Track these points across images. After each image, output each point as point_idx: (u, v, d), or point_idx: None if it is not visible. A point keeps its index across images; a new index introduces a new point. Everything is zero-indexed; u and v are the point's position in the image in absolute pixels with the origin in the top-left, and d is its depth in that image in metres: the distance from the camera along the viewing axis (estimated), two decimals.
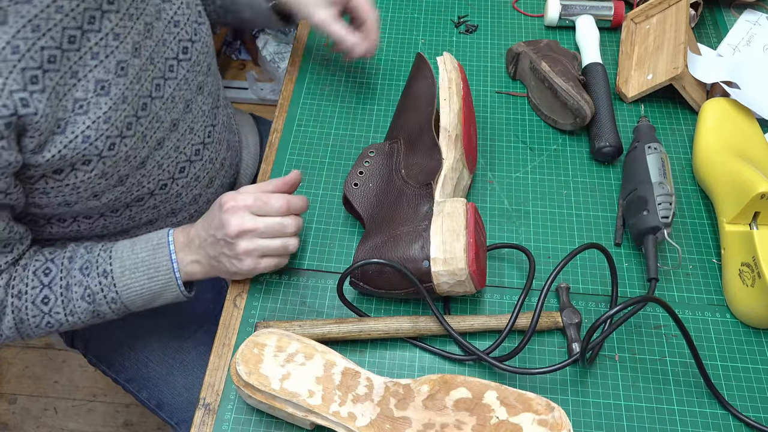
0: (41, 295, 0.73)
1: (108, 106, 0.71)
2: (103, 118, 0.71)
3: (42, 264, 0.75)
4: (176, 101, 0.82)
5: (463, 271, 0.71)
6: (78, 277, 0.74)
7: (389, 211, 0.78)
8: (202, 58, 0.86)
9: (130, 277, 0.75)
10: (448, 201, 0.76)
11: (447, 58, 0.87)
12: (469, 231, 0.72)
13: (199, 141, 0.88)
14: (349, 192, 0.82)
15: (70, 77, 0.68)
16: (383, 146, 0.86)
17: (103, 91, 0.70)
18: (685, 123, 0.97)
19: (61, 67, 0.66)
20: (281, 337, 0.70)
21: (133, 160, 0.77)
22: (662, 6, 1.04)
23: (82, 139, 0.69)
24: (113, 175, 0.76)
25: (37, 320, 0.74)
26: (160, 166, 0.83)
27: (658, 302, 0.68)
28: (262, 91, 2.07)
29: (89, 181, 0.74)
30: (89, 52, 0.69)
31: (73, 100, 0.68)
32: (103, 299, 0.75)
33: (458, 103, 0.83)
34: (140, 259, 0.75)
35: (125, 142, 0.74)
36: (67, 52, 0.67)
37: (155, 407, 0.97)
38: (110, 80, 0.71)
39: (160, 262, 0.75)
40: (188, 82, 0.84)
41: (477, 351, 0.72)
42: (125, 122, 0.74)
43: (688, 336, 0.71)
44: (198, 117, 0.88)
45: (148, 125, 0.78)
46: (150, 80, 0.77)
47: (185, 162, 0.87)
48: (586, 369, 0.75)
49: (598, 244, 0.74)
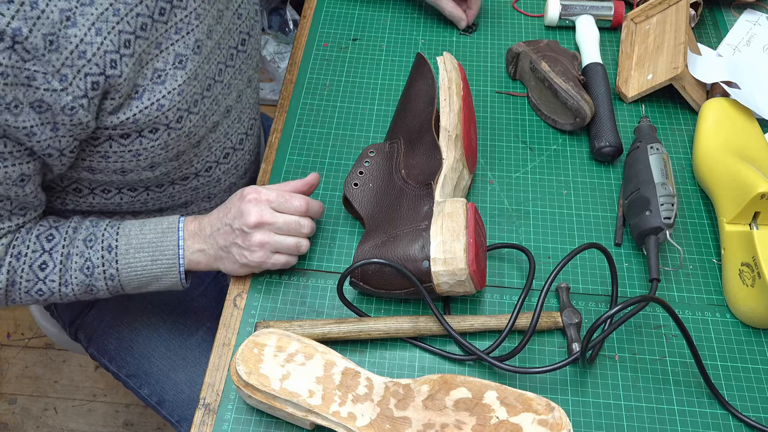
0: (40, 260, 0.73)
1: (183, 80, 0.74)
2: (178, 90, 0.74)
3: (46, 229, 0.75)
4: (231, 89, 0.85)
5: (463, 271, 0.71)
6: (80, 247, 0.74)
7: (389, 211, 0.78)
8: (254, 53, 0.89)
9: (135, 256, 0.75)
10: (448, 201, 0.76)
11: (447, 58, 0.87)
12: (469, 231, 0.72)
13: (243, 131, 0.91)
14: (349, 192, 0.82)
15: (154, 47, 0.71)
16: (383, 146, 0.86)
17: (180, 65, 0.73)
18: (685, 123, 0.97)
19: (150, 35, 0.69)
20: (281, 337, 0.70)
21: (193, 137, 0.80)
22: (662, 6, 1.04)
23: (157, 107, 0.72)
24: (173, 149, 0.78)
25: (29, 285, 0.74)
26: (209, 148, 0.85)
27: (659, 302, 0.68)
28: (262, 91, 2.07)
29: (151, 149, 0.76)
30: (174, 27, 0.72)
31: (153, 69, 0.71)
32: (101, 274, 0.75)
33: (458, 103, 0.83)
34: (147, 240, 0.76)
35: (191, 118, 0.77)
36: (156, 23, 0.70)
37: (156, 404, 0.97)
38: (188, 56, 0.74)
39: (167, 246, 0.76)
40: (242, 73, 0.87)
41: (477, 351, 0.72)
42: (193, 98, 0.76)
43: (689, 336, 0.71)
44: (245, 108, 0.91)
45: (210, 106, 0.80)
46: (216, 64, 0.80)
47: (230, 149, 0.90)
48: (586, 369, 0.75)
49: (598, 244, 0.74)
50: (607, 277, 0.82)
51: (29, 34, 0.58)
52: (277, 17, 2.06)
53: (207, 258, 0.77)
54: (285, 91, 1.01)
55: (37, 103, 0.62)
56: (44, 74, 0.61)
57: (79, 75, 0.63)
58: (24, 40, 0.58)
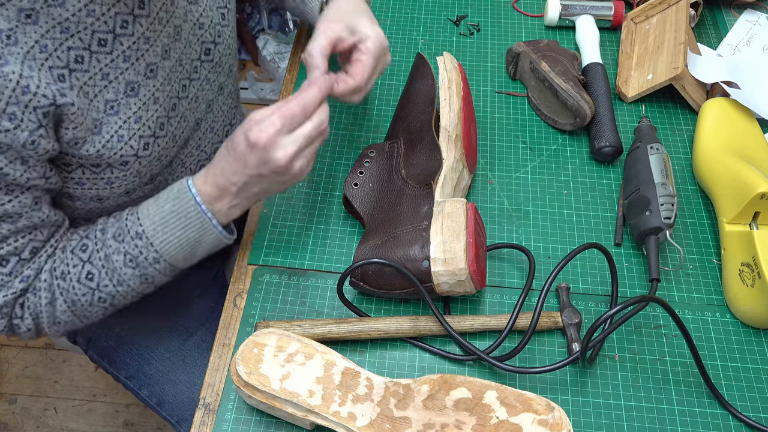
0: (84, 271, 0.73)
1: (137, 107, 0.72)
2: (134, 118, 0.72)
3: (78, 242, 0.74)
4: (199, 101, 0.83)
5: (463, 271, 0.71)
6: (114, 245, 0.73)
7: (389, 211, 0.78)
8: (224, 60, 0.87)
9: (164, 231, 0.73)
10: (448, 201, 0.76)
11: (447, 58, 0.87)
12: (469, 231, 0.72)
13: (218, 140, 0.90)
14: (349, 192, 0.82)
15: (100, 79, 0.69)
16: (383, 146, 0.86)
17: (132, 92, 0.72)
18: (685, 123, 0.97)
19: (90, 68, 0.68)
20: (281, 337, 0.70)
21: (164, 159, 0.79)
22: (662, 6, 1.04)
23: (117, 139, 0.71)
24: (146, 174, 0.77)
25: (88, 297, 0.73)
26: (183, 164, 0.84)
27: (659, 302, 0.68)
28: (262, 91, 2.07)
29: (123, 178, 0.75)
30: (121, 56, 0.70)
31: (104, 101, 0.70)
32: (145, 261, 0.73)
33: (458, 103, 0.83)
34: (167, 210, 0.73)
35: (158, 142, 0.76)
36: (97, 54, 0.68)
37: (156, 405, 0.97)
38: (139, 82, 0.72)
39: (187, 208, 0.73)
40: (210, 82, 0.85)
41: (477, 351, 0.72)
42: (158, 122, 0.75)
43: (689, 336, 0.71)
44: (218, 117, 0.89)
45: (177, 125, 0.79)
46: (178, 81, 0.78)
47: (205, 160, 0.89)
48: (586, 369, 0.74)
49: (599, 244, 0.74)
50: (607, 277, 0.82)
51: None
52: (277, 17, 2.06)
53: (244, 206, 0.74)
54: (285, 91, 1.01)
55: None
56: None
57: (27, 109, 0.62)
58: None
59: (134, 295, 0.77)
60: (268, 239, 0.84)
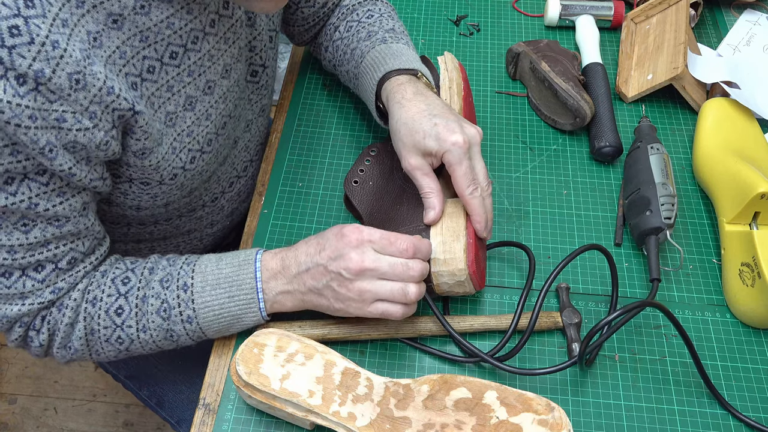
0: (116, 304, 0.69)
1: (191, 121, 0.72)
2: (187, 132, 0.72)
3: (122, 272, 0.71)
4: (240, 120, 0.84)
5: (463, 272, 0.71)
6: (156, 288, 0.70)
7: (389, 210, 0.78)
8: (270, 82, 0.87)
9: (211, 293, 0.70)
10: (448, 201, 0.76)
11: (448, 58, 0.87)
12: (469, 231, 0.72)
13: (248, 159, 0.90)
14: (349, 190, 0.82)
15: (165, 90, 0.69)
16: (385, 145, 0.86)
17: (189, 107, 0.72)
18: (685, 123, 0.97)
19: (158, 78, 0.67)
20: (281, 337, 0.70)
21: (205, 174, 0.78)
22: (662, 6, 1.04)
23: (171, 151, 0.70)
24: (187, 187, 0.77)
25: (107, 332, 0.70)
26: (218, 180, 0.84)
27: (657, 306, 0.68)
28: None
29: (168, 191, 0.74)
30: (186, 70, 0.70)
31: (166, 112, 0.69)
32: (178, 316, 0.70)
33: (459, 103, 0.83)
34: (224, 275, 0.70)
35: (203, 157, 0.75)
36: (166, 66, 0.68)
37: (156, 405, 0.97)
38: (197, 97, 0.72)
39: (244, 279, 0.70)
40: (252, 103, 0.86)
41: (480, 352, 0.72)
42: (206, 138, 0.75)
43: (688, 339, 0.71)
44: (254, 136, 0.90)
45: (223, 142, 0.79)
46: (233, 101, 0.78)
47: (235, 177, 0.88)
48: (585, 369, 0.74)
49: (599, 245, 0.74)
50: (607, 278, 0.82)
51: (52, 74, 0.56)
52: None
53: (294, 300, 0.71)
54: (285, 91, 1.01)
55: (71, 144, 0.60)
56: (73, 113, 0.59)
57: (107, 110, 0.61)
58: (47, 81, 0.56)
59: (153, 348, 0.73)
60: (268, 239, 0.84)
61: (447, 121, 0.72)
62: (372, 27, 0.87)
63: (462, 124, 0.72)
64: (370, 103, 0.83)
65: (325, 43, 0.94)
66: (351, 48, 0.87)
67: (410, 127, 0.73)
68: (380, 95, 0.80)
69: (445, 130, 0.71)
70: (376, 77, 0.80)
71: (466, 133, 0.71)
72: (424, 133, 0.72)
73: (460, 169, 0.71)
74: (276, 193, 0.89)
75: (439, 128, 0.71)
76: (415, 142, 0.72)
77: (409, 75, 0.79)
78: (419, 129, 0.72)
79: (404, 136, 0.73)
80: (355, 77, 0.86)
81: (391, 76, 0.79)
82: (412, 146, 0.73)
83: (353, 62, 0.86)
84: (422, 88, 0.77)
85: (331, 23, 0.93)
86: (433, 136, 0.71)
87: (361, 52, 0.85)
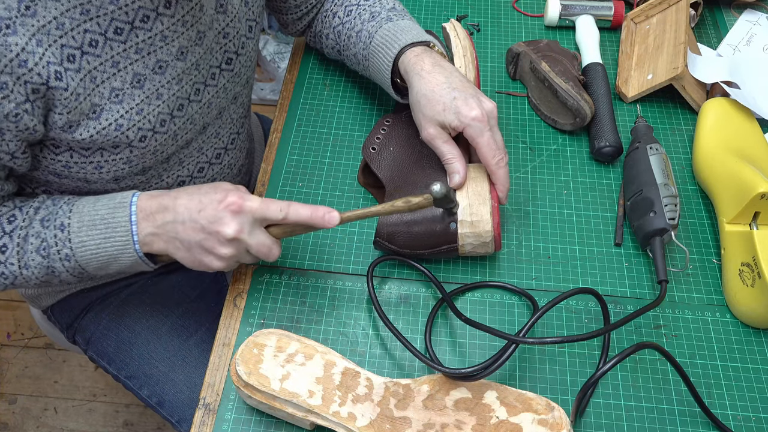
0: (0, 242, 0.71)
1: (140, 99, 0.73)
2: (136, 110, 0.73)
3: (8, 210, 0.73)
4: (211, 107, 0.84)
5: (489, 234, 0.75)
6: (37, 228, 0.72)
7: (408, 174, 0.81)
8: (243, 71, 0.87)
9: (87, 233, 0.71)
10: (471, 166, 0.79)
11: (456, 25, 0.87)
12: (493, 195, 0.76)
13: (221, 146, 0.90)
14: (368, 156, 0.84)
15: (110, 66, 0.70)
16: (398, 116, 0.87)
17: (138, 84, 0.72)
18: (685, 123, 0.97)
19: (102, 53, 0.69)
20: (281, 338, 0.70)
21: (160, 155, 0.79)
22: (662, 6, 1.04)
23: (115, 127, 0.71)
24: (137, 164, 0.77)
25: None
26: (181, 163, 0.84)
27: (654, 347, 0.67)
28: (262, 91, 2.07)
29: (113, 163, 0.75)
30: (134, 47, 0.71)
31: (111, 88, 0.70)
32: (56, 254, 0.72)
33: (473, 72, 0.84)
34: (99, 216, 0.72)
35: (156, 137, 0.76)
36: (111, 42, 0.69)
37: (156, 405, 0.97)
38: (146, 75, 0.73)
39: (119, 222, 0.71)
40: (226, 91, 0.86)
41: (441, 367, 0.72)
42: (159, 118, 0.75)
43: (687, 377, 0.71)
44: (226, 124, 0.90)
45: (182, 125, 0.79)
46: (191, 84, 0.79)
47: (205, 163, 0.89)
48: (585, 369, 0.74)
49: (593, 289, 0.73)
50: (607, 277, 0.82)
51: None
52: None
53: (159, 244, 0.72)
54: (285, 91, 1.01)
55: None
56: None
57: (19, 82, 0.62)
58: None
59: (37, 283, 0.75)
60: None
61: (466, 95, 0.76)
62: (374, 8, 0.90)
63: (480, 98, 0.77)
64: (386, 80, 0.85)
65: (325, 31, 0.95)
66: (356, 31, 0.89)
67: (430, 98, 0.77)
68: (397, 70, 0.83)
69: (464, 105, 0.75)
70: (391, 54, 0.83)
71: (484, 108, 0.75)
72: (444, 105, 0.76)
73: (483, 141, 0.75)
74: (276, 193, 0.89)
75: (458, 102, 0.75)
76: (435, 113, 0.76)
77: (423, 46, 0.82)
78: (439, 100, 0.76)
79: (424, 107, 0.77)
80: (365, 59, 0.88)
81: (406, 50, 0.82)
82: (432, 117, 0.77)
83: (360, 44, 0.88)
84: (439, 58, 0.80)
85: (328, 10, 0.95)
86: (452, 110, 0.75)
87: (368, 33, 0.87)
